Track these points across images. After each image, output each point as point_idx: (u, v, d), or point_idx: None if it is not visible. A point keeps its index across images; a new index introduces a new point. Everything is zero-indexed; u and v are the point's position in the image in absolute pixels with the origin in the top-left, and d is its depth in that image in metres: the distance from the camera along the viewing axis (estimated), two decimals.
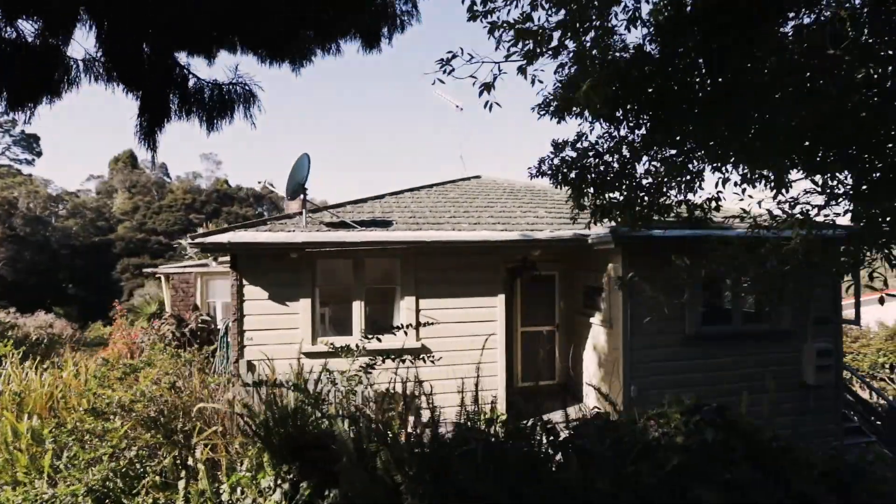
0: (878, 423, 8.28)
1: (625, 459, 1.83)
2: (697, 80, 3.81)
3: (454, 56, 3.20)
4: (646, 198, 3.60)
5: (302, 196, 7.58)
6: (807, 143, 3.52)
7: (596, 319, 7.96)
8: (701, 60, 3.68)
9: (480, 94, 3.30)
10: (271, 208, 63.55)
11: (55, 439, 3.14)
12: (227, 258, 7.16)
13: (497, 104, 3.39)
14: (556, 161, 3.72)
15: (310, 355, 6.98)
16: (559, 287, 9.16)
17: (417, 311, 7.38)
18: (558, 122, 3.98)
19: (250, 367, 6.80)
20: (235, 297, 6.92)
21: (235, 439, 2.99)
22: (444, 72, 3.26)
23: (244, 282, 6.95)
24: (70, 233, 44.34)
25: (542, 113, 3.54)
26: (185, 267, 10.56)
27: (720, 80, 3.62)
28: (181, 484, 2.85)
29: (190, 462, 2.99)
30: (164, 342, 4.06)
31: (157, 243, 45.66)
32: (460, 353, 6.96)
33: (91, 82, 2.57)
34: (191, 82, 2.72)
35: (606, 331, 7.62)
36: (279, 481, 2.64)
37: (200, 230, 18.84)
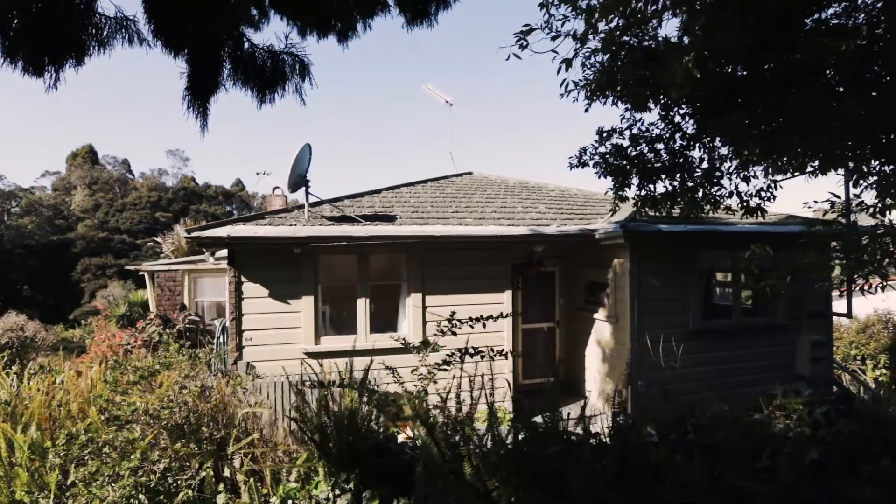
0: None
1: (756, 455, 1.71)
2: (729, 69, 3.77)
3: (531, 30, 3.02)
4: (699, 187, 3.53)
5: (304, 189, 7.22)
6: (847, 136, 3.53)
7: (600, 315, 7.92)
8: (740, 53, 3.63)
9: (559, 71, 3.14)
10: (241, 207, 61.65)
11: (66, 452, 2.76)
12: (225, 254, 6.73)
13: (574, 83, 3.23)
14: (601, 149, 3.59)
15: (312, 355, 6.66)
16: (559, 283, 9.08)
17: (424, 308, 7.15)
18: (591, 107, 3.86)
19: (250, 368, 6.43)
20: (233, 296, 6.52)
21: (278, 447, 2.71)
22: (520, 47, 3.07)
23: (243, 279, 6.56)
24: (25, 231, 41.67)
25: (593, 97, 3.38)
26: (171, 264, 9.93)
27: (758, 71, 3.58)
28: (220, 498, 2.55)
29: (226, 473, 2.69)
30: (176, 342, 3.72)
31: (121, 242, 43.57)
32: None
33: (124, 45, 2.25)
34: (244, 46, 2.44)
35: (612, 326, 7.58)
36: (337, 491, 2.39)
37: (178, 227, 17.87)
